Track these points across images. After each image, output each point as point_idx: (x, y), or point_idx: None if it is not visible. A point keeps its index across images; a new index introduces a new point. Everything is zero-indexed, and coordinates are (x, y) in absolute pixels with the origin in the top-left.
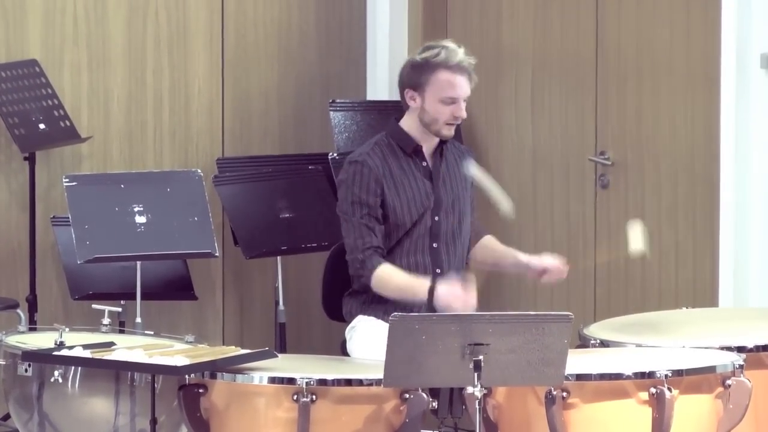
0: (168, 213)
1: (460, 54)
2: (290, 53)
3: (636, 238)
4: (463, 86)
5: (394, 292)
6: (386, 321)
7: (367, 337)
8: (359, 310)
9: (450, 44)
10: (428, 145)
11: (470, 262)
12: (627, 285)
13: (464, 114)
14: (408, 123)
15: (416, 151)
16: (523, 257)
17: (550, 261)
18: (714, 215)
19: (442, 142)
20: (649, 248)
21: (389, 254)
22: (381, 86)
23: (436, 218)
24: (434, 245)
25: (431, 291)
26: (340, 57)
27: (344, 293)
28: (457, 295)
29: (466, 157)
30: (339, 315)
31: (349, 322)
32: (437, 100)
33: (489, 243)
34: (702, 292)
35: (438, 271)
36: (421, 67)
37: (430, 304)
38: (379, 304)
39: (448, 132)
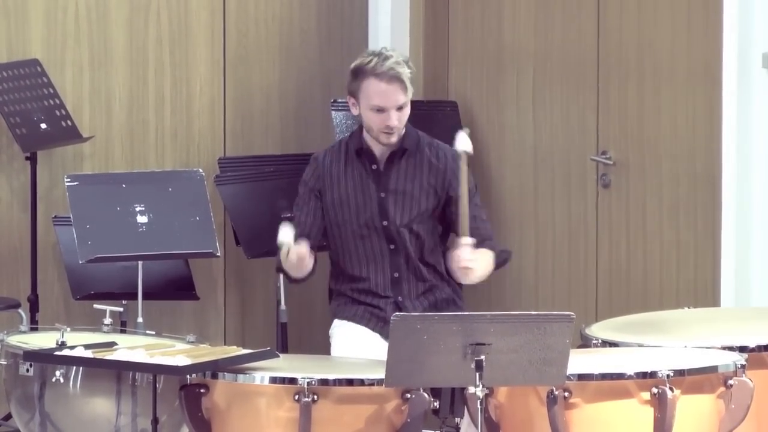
0: (169, 213)
1: (390, 61)
2: (291, 52)
3: None
4: (390, 95)
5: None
6: (355, 322)
7: (344, 343)
8: (334, 314)
9: (388, 52)
10: (381, 148)
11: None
12: (628, 285)
13: (394, 123)
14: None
15: (362, 152)
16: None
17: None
18: (715, 215)
19: (403, 146)
20: (651, 248)
21: (346, 257)
22: None
23: (385, 223)
24: (391, 246)
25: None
26: (341, 56)
27: None
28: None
29: (448, 159)
30: None
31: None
32: (367, 108)
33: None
34: (703, 291)
35: (396, 275)
36: (355, 74)
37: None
38: (351, 306)
39: (386, 140)
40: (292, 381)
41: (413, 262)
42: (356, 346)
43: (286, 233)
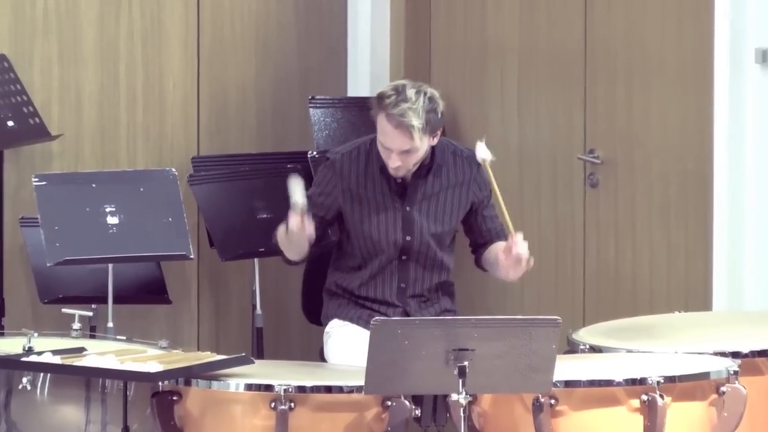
0: (141, 213)
1: (404, 106)
2: (268, 47)
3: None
4: (395, 139)
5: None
6: (360, 325)
7: (343, 344)
8: (334, 314)
9: (409, 92)
10: None
11: (482, 267)
12: (617, 288)
13: (395, 165)
14: None
15: (385, 169)
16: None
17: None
18: (707, 215)
19: (433, 157)
20: (640, 250)
21: (357, 261)
22: (362, 82)
23: (408, 238)
24: (403, 257)
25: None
26: (320, 51)
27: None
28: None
29: (472, 169)
30: (319, 319)
31: (325, 325)
32: (378, 140)
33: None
34: (695, 295)
35: (402, 285)
36: (376, 102)
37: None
38: (355, 307)
39: (394, 172)
40: (269, 388)
41: (421, 273)
42: (356, 348)
43: (298, 191)
